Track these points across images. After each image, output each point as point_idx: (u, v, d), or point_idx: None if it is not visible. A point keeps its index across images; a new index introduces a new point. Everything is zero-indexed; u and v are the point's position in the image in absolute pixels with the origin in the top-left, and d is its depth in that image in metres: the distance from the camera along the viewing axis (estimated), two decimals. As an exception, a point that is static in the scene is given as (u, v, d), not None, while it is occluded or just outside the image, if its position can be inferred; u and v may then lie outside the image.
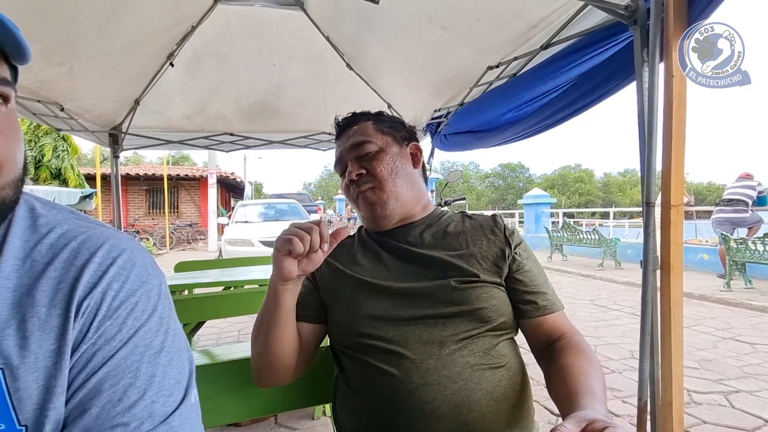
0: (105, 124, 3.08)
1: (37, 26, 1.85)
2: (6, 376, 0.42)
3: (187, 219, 15.98)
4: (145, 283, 0.50)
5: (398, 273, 0.88)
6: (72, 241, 0.48)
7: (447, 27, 2.00)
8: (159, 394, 0.46)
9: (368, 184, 0.90)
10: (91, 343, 0.45)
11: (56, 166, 10.79)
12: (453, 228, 0.93)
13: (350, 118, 0.99)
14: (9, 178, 0.42)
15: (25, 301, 0.44)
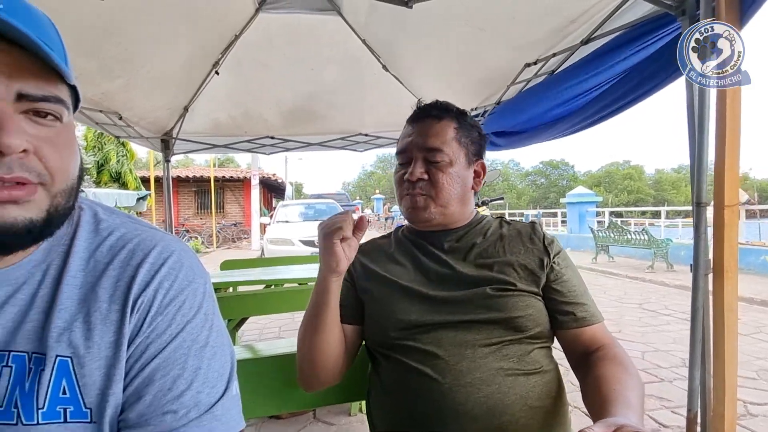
0: (158, 131, 3.29)
1: (101, 45, 2.02)
2: (74, 364, 0.47)
3: (232, 219, 16.70)
4: (192, 282, 0.54)
5: (433, 278, 0.87)
6: (128, 243, 0.53)
7: (482, 26, 1.98)
8: (204, 385, 0.50)
9: (424, 190, 0.87)
10: (145, 336, 0.49)
11: (116, 170, 11.67)
12: (490, 234, 0.92)
13: (435, 110, 0.91)
14: (60, 188, 0.45)
15: (89, 297, 0.49)
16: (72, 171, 0.47)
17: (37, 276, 0.48)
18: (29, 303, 0.47)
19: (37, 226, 0.43)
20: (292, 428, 2.15)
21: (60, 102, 0.43)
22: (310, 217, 9.37)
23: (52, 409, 0.45)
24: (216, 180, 15.60)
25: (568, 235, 12.59)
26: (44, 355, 0.46)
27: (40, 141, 0.42)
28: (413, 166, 0.87)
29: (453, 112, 0.92)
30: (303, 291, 2.32)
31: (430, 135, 0.88)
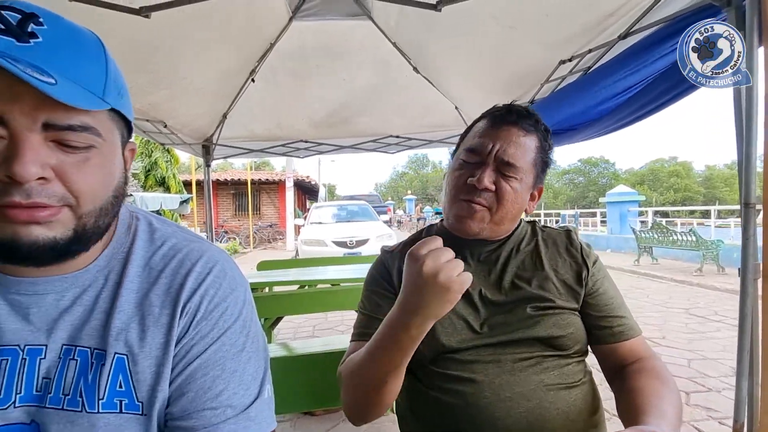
0: (199, 137, 3.46)
1: (148, 59, 2.16)
2: (129, 361, 0.52)
3: (268, 220, 17.20)
4: (234, 291, 0.58)
5: (471, 295, 0.82)
6: (179, 252, 0.58)
7: (514, 24, 1.96)
8: (239, 387, 0.54)
9: (486, 201, 0.79)
10: (190, 338, 0.54)
11: (161, 175, 12.33)
12: (525, 245, 0.87)
13: (526, 120, 0.82)
14: (87, 209, 0.47)
15: (144, 301, 0.54)
16: (102, 192, 0.48)
17: (100, 280, 0.54)
18: (93, 304, 0.53)
19: (61, 244, 0.46)
20: (325, 425, 2.21)
21: (87, 129, 0.45)
22: (342, 219, 9.51)
23: (110, 400, 0.50)
24: (252, 183, 16.12)
25: (608, 236, 12.08)
26: (105, 352, 0.51)
27: (66, 166, 0.44)
28: (483, 171, 0.79)
29: (541, 128, 0.84)
30: (335, 292, 2.37)
31: (512, 146, 0.80)
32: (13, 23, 0.42)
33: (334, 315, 4.62)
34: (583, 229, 14.55)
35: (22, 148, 0.42)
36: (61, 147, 0.44)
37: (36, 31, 0.43)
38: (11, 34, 0.42)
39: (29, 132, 0.42)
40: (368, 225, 8.81)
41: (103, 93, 0.46)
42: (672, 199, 39.48)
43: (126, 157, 0.54)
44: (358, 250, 7.58)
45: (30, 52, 0.42)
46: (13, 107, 0.41)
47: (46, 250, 0.45)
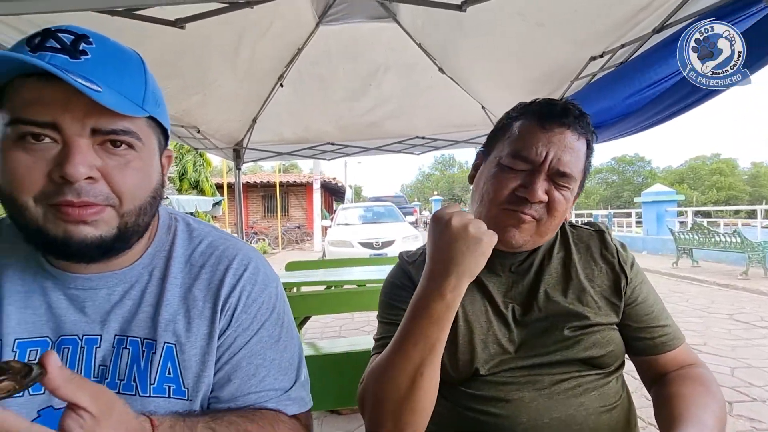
0: (230, 141, 3.57)
1: (181, 66, 2.25)
2: (177, 350, 0.57)
3: (296, 221, 17.51)
4: (268, 286, 0.64)
5: (501, 310, 0.76)
6: (216, 250, 0.63)
7: (541, 22, 1.92)
8: (279, 373, 0.61)
9: (537, 214, 0.71)
10: (233, 330, 0.59)
11: (194, 179, 12.80)
12: (557, 251, 0.79)
13: (579, 122, 0.73)
14: (128, 208, 0.52)
15: (188, 295, 0.59)
16: (141, 193, 0.53)
17: (145, 276, 0.59)
18: (140, 297, 0.58)
19: (107, 242, 0.51)
20: (353, 424, 2.23)
21: (128, 133, 0.50)
22: (368, 220, 9.57)
23: (160, 386, 0.56)
24: (281, 185, 16.46)
25: (644, 237, 11.60)
26: (154, 341, 0.56)
27: (110, 168, 0.50)
28: (536, 182, 0.69)
29: (591, 129, 0.76)
30: (361, 292, 2.39)
31: (568, 153, 0.71)
32: (68, 43, 0.49)
33: (360, 315, 4.66)
34: (617, 230, 14.03)
35: (73, 151, 0.47)
36: (106, 150, 0.50)
37: (86, 49, 0.49)
38: (66, 52, 0.48)
39: (79, 137, 0.48)
40: (394, 226, 8.83)
41: (142, 102, 0.52)
42: (714, 199, 37.43)
43: (163, 163, 0.59)
44: (384, 251, 7.60)
45: (81, 67, 0.48)
46: (65, 115, 0.47)
47: (93, 248, 0.50)
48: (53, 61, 0.46)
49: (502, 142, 0.76)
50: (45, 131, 0.47)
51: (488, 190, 0.74)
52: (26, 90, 0.47)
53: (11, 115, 0.47)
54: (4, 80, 0.48)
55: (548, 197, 0.71)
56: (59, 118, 0.47)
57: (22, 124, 0.46)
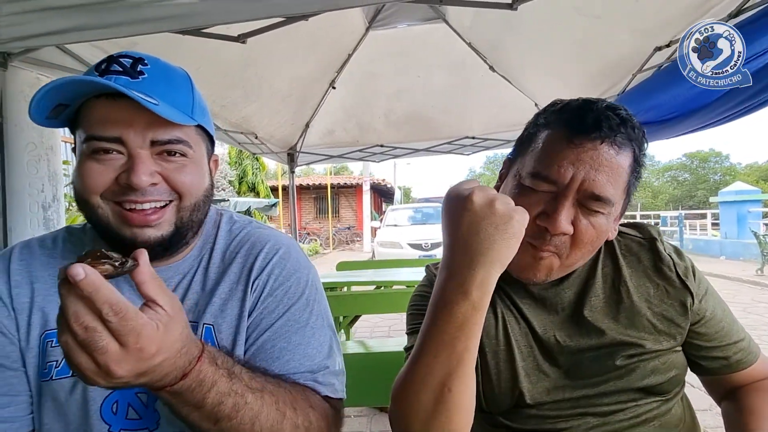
0: (284, 146, 3.74)
1: (242, 76, 2.40)
2: (215, 330, 0.62)
3: (346, 222, 17.88)
4: (297, 272, 0.67)
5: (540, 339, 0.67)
6: (251, 237, 0.69)
7: (599, 14, 1.83)
8: (306, 358, 0.63)
9: (558, 247, 0.61)
10: (259, 312, 0.63)
11: (252, 182, 13.52)
12: (603, 266, 0.68)
13: (619, 130, 0.59)
14: (186, 204, 0.60)
15: (224, 278, 0.65)
16: (196, 191, 0.61)
17: (194, 267, 0.67)
18: (188, 286, 0.65)
19: (167, 239, 0.59)
20: (401, 424, 2.24)
21: (182, 142, 0.58)
22: (418, 221, 9.55)
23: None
24: (332, 187, 16.89)
25: (721, 241, 10.56)
26: (197, 323, 0.62)
27: (170, 171, 0.58)
28: (560, 209, 0.58)
29: (637, 137, 0.61)
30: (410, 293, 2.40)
31: (603, 173, 0.58)
32: (128, 66, 0.57)
33: (410, 316, 4.66)
34: (689, 233, 12.86)
35: (137, 162, 0.55)
36: (163, 158, 0.58)
37: (143, 69, 0.57)
38: (126, 74, 0.56)
39: (140, 149, 0.56)
40: (444, 227, 8.73)
41: (191, 112, 0.60)
42: (809, 198, 33.15)
43: (211, 167, 0.66)
44: (433, 253, 7.56)
45: (140, 85, 0.55)
46: (129, 130, 0.55)
47: (156, 246, 0.58)
48: (118, 82, 0.54)
49: (525, 154, 0.65)
50: (113, 145, 0.55)
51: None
52: (96, 110, 0.55)
53: (86, 133, 0.56)
54: (80, 101, 0.56)
55: (574, 228, 0.59)
56: (124, 132, 0.55)
57: (95, 140, 0.55)
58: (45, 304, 0.61)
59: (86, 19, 1.29)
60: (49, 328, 0.61)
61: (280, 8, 1.19)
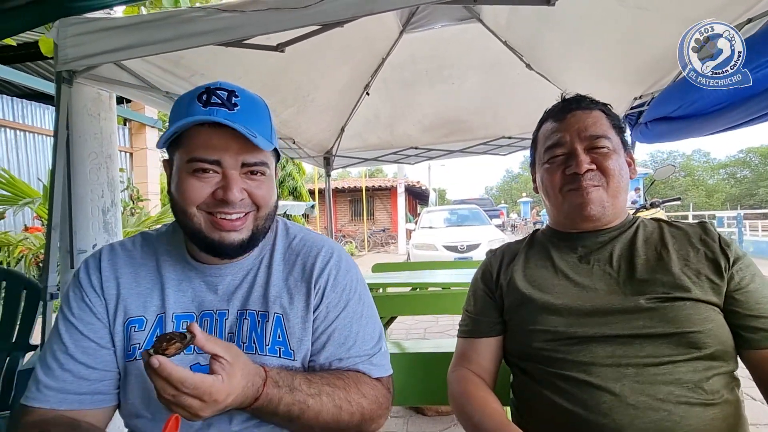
0: (320, 150, 3.83)
1: (280, 83, 2.49)
2: (284, 319, 0.73)
3: (381, 225, 17.97)
4: (350, 272, 0.80)
5: (582, 285, 0.79)
6: (306, 242, 0.81)
7: (643, 5, 1.75)
8: (364, 343, 0.76)
9: (595, 180, 0.80)
10: (324, 306, 0.75)
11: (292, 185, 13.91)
12: (648, 237, 0.82)
13: (584, 102, 0.87)
14: (262, 214, 0.72)
15: (288, 277, 0.77)
16: (269, 203, 0.73)
17: (256, 265, 0.78)
18: (253, 280, 0.76)
19: (246, 242, 0.72)
20: (438, 426, 2.23)
21: (264, 164, 0.71)
22: (453, 223, 9.45)
23: (273, 347, 0.72)
24: (367, 189, 17.04)
25: (787, 243, 9.69)
26: (267, 312, 0.73)
27: (252, 188, 0.70)
28: (578, 156, 0.80)
29: (599, 103, 0.88)
30: (446, 295, 2.39)
31: (588, 124, 0.83)
32: (224, 98, 0.67)
33: (445, 319, 4.63)
34: (750, 234, 11.92)
35: (231, 182, 0.67)
36: (248, 176, 0.70)
37: (237, 102, 0.68)
38: (224, 106, 0.67)
39: (234, 170, 0.68)
40: (479, 229, 8.60)
41: (271, 138, 0.71)
42: None
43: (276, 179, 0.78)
44: (469, 255, 7.45)
45: (236, 117, 0.66)
46: (225, 154, 0.67)
47: (238, 247, 0.71)
48: (219, 114, 0.65)
49: (538, 148, 0.91)
50: (212, 166, 0.67)
51: (547, 185, 0.86)
52: (201, 136, 0.67)
53: (188, 154, 0.67)
54: (187, 128, 0.67)
55: (596, 164, 0.80)
56: (222, 156, 0.67)
57: (198, 162, 0.67)
58: (127, 297, 0.73)
59: (139, 37, 1.40)
60: (131, 315, 0.72)
61: (316, 17, 1.24)
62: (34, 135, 6.03)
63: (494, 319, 0.89)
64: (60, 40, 1.45)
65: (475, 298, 0.93)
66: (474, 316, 0.91)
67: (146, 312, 0.72)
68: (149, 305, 0.73)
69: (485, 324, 0.89)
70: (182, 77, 1.92)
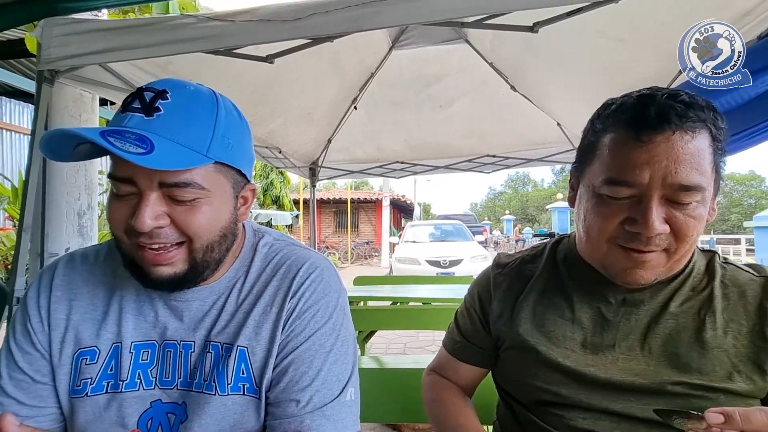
0: (307, 161, 3.82)
1: (268, 94, 2.49)
2: (249, 352, 0.62)
3: (365, 237, 17.94)
4: (326, 296, 0.65)
5: (591, 346, 0.65)
6: (288, 260, 0.68)
7: (623, 37, 1.83)
8: (322, 386, 0.61)
9: (662, 245, 0.59)
10: (287, 334, 0.62)
11: (275, 194, 13.82)
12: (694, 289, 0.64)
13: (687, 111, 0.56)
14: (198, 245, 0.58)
15: (258, 301, 0.64)
16: (208, 233, 0.58)
17: (228, 290, 0.66)
18: (222, 307, 0.64)
19: (179, 276, 0.58)
20: (414, 444, 2.20)
21: (189, 185, 0.55)
22: (437, 238, 9.50)
23: (236, 384, 0.61)
24: (352, 201, 17.03)
25: (756, 268, 10.04)
26: (231, 345, 0.62)
27: (177, 214, 0.56)
28: (648, 212, 0.56)
29: (708, 115, 0.57)
30: (427, 310, 2.39)
31: (683, 163, 0.55)
32: (147, 100, 0.55)
33: (425, 334, 4.61)
34: (721, 259, 12.31)
35: (143, 205, 0.54)
36: (173, 199, 0.55)
37: (160, 105, 0.55)
38: (142, 111, 0.54)
39: (150, 190, 0.54)
40: (462, 245, 8.66)
41: (207, 150, 0.56)
42: None
43: (245, 197, 0.64)
44: (452, 270, 7.48)
45: (150, 125, 0.53)
46: (139, 171, 0.53)
47: (167, 282, 0.58)
48: (130, 123, 0.53)
49: (593, 163, 0.63)
50: (125, 186, 0.55)
51: (591, 225, 0.62)
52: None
53: (109, 170, 0.57)
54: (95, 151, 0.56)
55: (671, 224, 0.57)
56: (133, 174, 0.54)
57: (113, 179, 0.56)
58: (80, 323, 0.62)
59: (126, 40, 1.39)
60: (82, 346, 0.62)
61: (305, 30, 1.25)
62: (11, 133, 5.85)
63: (486, 350, 0.77)
64: (44, 39, 1.43)
65: (469, 316, 0.79)
66: (462, 338, 0.79)
67: (99, 341, 0.62)
68: (103, 333, 0.62)
69: (473, 352, 0.78)
70: (169, 82, 1.91)
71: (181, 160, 0.53)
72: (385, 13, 1.15)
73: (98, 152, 0.57)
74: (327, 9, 1.17)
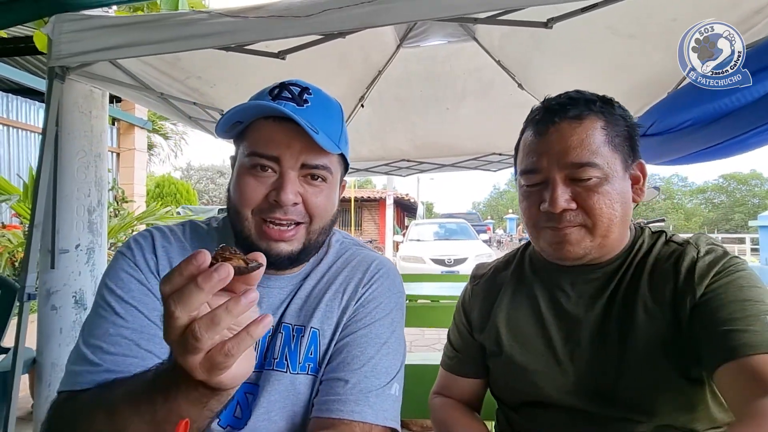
0: (313, 159, 3.83)
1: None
2: (319, 335, 0.67)
3: (368, 236, 17.93)
4: (390, 293, 0.72)
5: (558, 352, 0.70)
6: (357, 256, 0.75)
7: (632, 33, 1.82)
8: (371, 373, 0.64)
9: (574, 221, 0.65)
10: (349, 319, 0.68)
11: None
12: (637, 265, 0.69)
13: (571, 106, 0.66)
14: (316, 227, 0.66)
15: (329, 289, 0.69)
16: (325, 216, 0.67)
17: (304, 277, 0.71)
18: (296, 293, 0.69)
19: (295, 254, 0.65)
20: (421, 442, 2.21)
21: (325, 169, 0.64)
22: (441, 237, 9.50)
23: (304, 364, 0.66)
24: (355, 200, 17.03)
25: (761, 267, 9.95)
26: (303, 327, 0.67)
27: (309, 194, 0.64)
28: (553, 191, 0.64)
29: (595, 103, 0.67)
30: (432, 308, 2.38)
31: (571, 145, 0.64)
32: (296, 93, 0.64)
33: (431, 332, 4.62)
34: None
35: (287, 182, 0.61)
36: (306, 181, 0.64)
37: (308, 98, 0.64)
38: (294, 101, 0.63)
39: (292, 170, 0.62)
40: (467, 244, 8.66)
41: (338, 142, 0.66)
42: None
43: (339, 192, 0.72)
44: (456, 269, 7.48)
45: (304, 113, 0.61)
46: (286, 152, 0.61)
47: (285, 259, 0.64)
48: (287, 108, 0.60)
49: (518, 162, 0.75)
50: (270, 163, 0.61)
51: (522, 213, 0.72)
52: (264, 130, 0.62)
53: (249, 149, 0.62)
54: (250, 120, 0.63)
55: (578, 201, 0.64)
56: (281, 153, 0.61)
57: (257, 157, 0.61)
58: None
59: (138, 37, 1.39)
60: None
61: (317, 27, 1.25)
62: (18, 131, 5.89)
63: (477, 360, 0.81)
64: (55, 35, 1.43)
65: (458, 331, 0.85)
66: (456, 352, 0.84)
67: None
68: None
69: (467, 364, 0.83)
70: (178, 79, 1.91)
71: (330, 146, 0.62)
72: (397, 8, 1.15)
73: (230, 136, 0.65)
74: (339, 5, 1.17)
